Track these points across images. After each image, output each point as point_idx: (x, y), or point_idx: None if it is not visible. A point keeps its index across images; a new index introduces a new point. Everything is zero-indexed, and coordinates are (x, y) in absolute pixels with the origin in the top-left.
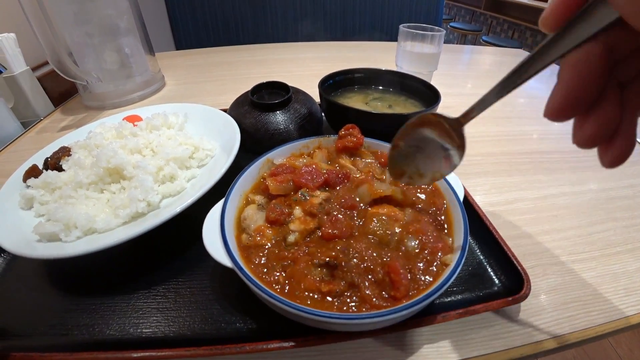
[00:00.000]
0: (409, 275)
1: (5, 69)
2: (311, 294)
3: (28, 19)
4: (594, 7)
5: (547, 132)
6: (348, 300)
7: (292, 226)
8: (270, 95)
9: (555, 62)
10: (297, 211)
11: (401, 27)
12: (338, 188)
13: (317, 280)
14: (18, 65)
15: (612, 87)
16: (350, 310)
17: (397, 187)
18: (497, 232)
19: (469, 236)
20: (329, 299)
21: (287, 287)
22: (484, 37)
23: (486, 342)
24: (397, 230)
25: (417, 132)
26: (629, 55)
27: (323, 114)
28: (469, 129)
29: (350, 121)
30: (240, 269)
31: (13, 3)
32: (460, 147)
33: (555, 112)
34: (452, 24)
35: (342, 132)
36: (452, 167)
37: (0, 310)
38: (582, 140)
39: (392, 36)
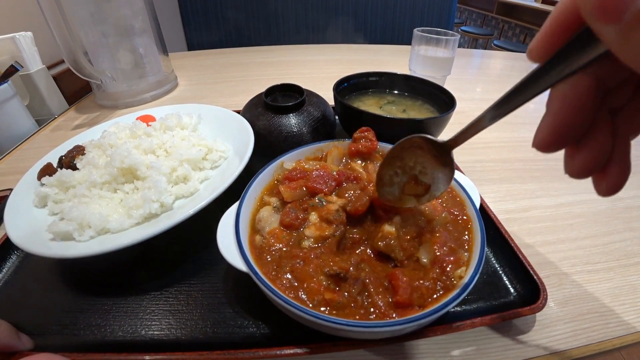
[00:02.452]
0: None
1: (22, 67)
2: (314, 297)
3: (46, 18)
4: (583, 40)
5: None
6: (362, 309)
7: (307, 232)
8: (283, 98)
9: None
10: (313, 217)
11: (415, 31)
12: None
13: (323, 286)
14: (34, 64)
15: (603, 115)
16: (366, 319)
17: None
18: (512, 240)
19: (485, 245)
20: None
21: (292, 285)
22: (495, 42)
23: (500, 352)
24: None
25: (405, 155)
26: (620, 84)
27: (337, 117)
28: (485, 134)
29: (364, 125)
30: (255, 273)
31: (30, 2)
32: (448, 172)
33: (544, 144)
34: (463, 27)
35: (357, 134)
36: (436, 192)
37: (13, 308)
38: (574, 171)
39: (403, 39)
